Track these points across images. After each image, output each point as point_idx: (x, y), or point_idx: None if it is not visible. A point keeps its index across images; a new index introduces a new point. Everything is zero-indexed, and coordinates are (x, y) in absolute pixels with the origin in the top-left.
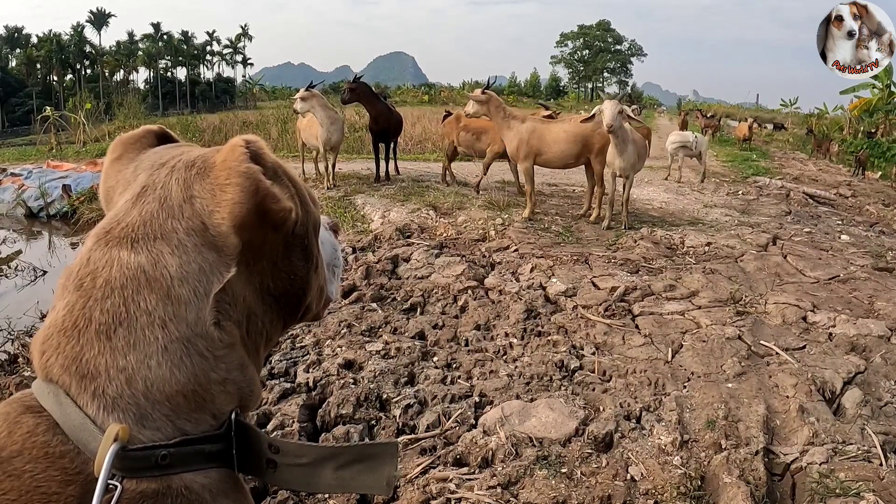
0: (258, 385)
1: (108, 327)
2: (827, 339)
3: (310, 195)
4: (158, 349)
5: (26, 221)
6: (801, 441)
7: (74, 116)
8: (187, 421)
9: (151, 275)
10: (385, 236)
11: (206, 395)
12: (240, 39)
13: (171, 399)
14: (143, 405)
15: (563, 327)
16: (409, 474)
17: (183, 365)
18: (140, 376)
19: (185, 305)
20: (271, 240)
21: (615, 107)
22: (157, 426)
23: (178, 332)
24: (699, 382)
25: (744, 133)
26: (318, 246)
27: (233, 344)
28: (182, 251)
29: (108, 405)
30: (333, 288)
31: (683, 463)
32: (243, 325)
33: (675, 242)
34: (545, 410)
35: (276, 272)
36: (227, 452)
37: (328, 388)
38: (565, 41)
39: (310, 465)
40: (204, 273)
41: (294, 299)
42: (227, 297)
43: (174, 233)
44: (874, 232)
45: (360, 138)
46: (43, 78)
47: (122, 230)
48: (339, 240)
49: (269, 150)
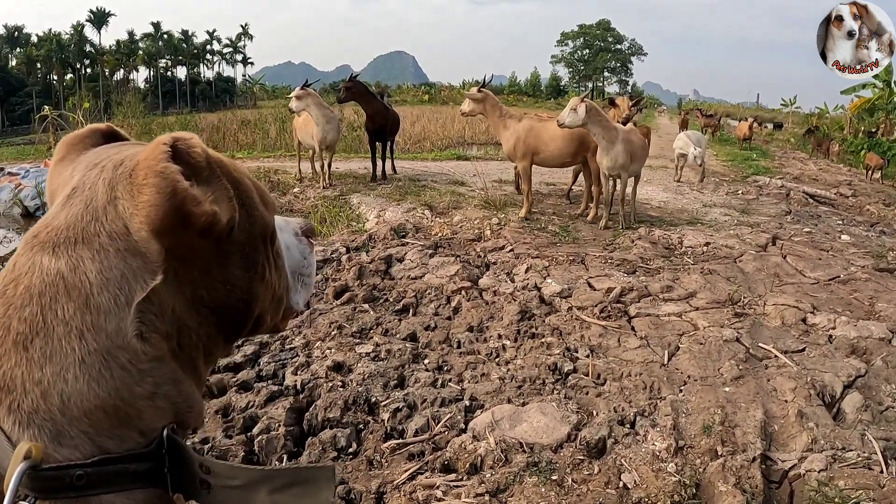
0: (198, 401)
1: (24, 337)
2: (827, 341)
3: (262, 198)
4: (75, 361)
5: (23, 221)
6: (800, 447)
7: (73, 116)
8: (109, 438)
9: (70, 281)
10: (380, 236)
11: (130, 410)
12: (240, 38)
13: (90, 415)
14: (60, 421)
15: (558, 329)
16: (395, 480)
17: (102, 378)
18: (56, 390)
19: (104, 315)
20: (200, 246)
21: (573, 104)
22: (75, 444)
23: (96, 343)
24: (696, 386)
25: (744, 132)
26: (269, 253)
27: (160, 357)
28: (103, 256)
29: (24, 421)
30: (300, 298)
31: (678, 470)
32: (173, 337)
33: (674, 242)
34: (537, 415)
35: (211, 282)
36: (158, 472)
37: (316, 391)
38: (566, 40)
39: (243, 487)
40: (126, 280)
41: (235, 312)
42: (153, 307)
43: (96, 237)
44: (875, 232)
45: (357, 137)
46: (43, 77)
47: (47, 234)
48: (315, 242)
49: (203, 147)
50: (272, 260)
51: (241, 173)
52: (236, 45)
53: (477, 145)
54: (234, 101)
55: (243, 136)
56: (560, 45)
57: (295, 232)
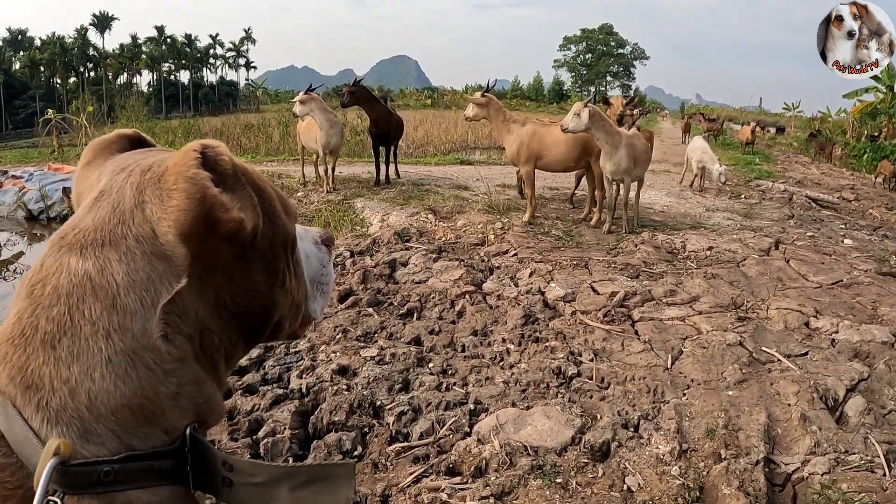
0: (219, 402)
1: (52, 336)
2: (830, 345)
3: (284, 206)
4: (102, 360)
5: (27, 224)
6: (803, 450)
7: (76, 119)
8: (134, 436)
9: (97, 282)
10: (383, 240)
11: (154, 409)
12: (243, 43)
13: (117, 413)
14: (87, 419)
15: (562, 333)
16: (400, 483)
17: (128, 378)
18: (83, 388)
19: (130, 316)
20: (224, 252)
21: (576, 108)
22: (102, 441)
23: (122, 343)
24: (699, 390)
25: (746, 136)
26: (289, 261)
27: (183, 358)
28: (130, 259)
29: (52, 418)
30: (318, 306)
31: (682, 473)
32: (195, 339)
33: (677, 247)
34: (541, 418)
35: (233, 287)
36: (181, 469)
37: (321, 395)
38: (568, 45)
39: (264, 484)
40: (152, 283)
41: (256, 317)
42: (178, 310)
43: (123, 239)
44: (878, 236)
45: (360, 141)
46: (46, 80)
47: (74, 236)
48: (333, 251)
49: (230, 155)
50: (292, 268)
51: (265, 182)
52: (239, 49)
53: (480, 150)
54: (237, 104)
55: (246, 139)
56: (563, 50)
57: (315, 240)
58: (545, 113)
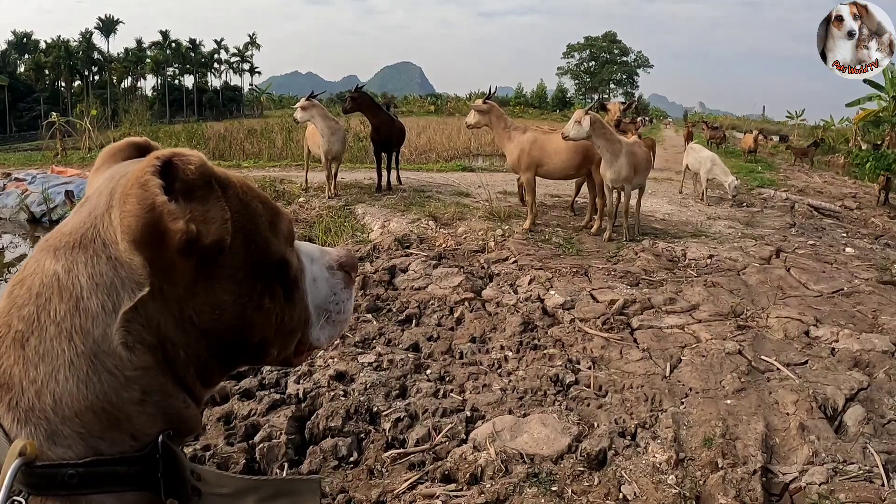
0: (191, 416)
1: (22, 336)
2: (829, 354)
3: (274, 226)
4: (65, 362)
5: (29, 226)
6: (801, 460)
7: (80, 123)
8: (101, 440)
9: (64, 283)
10: (384, 246)
11: (119, 414)
12: (248, 48)
13: (81, 415)
14: (53, 420)
15: (560, 341)
16: (396, 489)
17: (90, 381)
18: (48, 389)
19: (92, 319)
20: (182, 265)
21: (577, 116)
22: (69, 444)
23: (83, 346)
24: (697, 398)
25: (749, 144)
26: (270, 283)
27: (146, 367)
28: (96, 262)
29: (21, 419)
30: (323, 334)
31: (678, 482)
32: (159, 351)
33: (677, 255)
34: (538, 426)
35: (197, 304)
36: (150, 476)
37: (318, 400)
38: (572, 52)
39: (231, 495)
40: (115, 288)
41: (226, 338)
42: (140, 318)
43: (92, 243)
44: (879, 244)
45: (363, 148)
46: (51, 84)
47: (55, 238)
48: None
49: (202, 166)
50: (278, 291)
51: (254, 198)
52: (244, 55)
53: (482, 157)
54: (241, 110)
55: (250, 145)
56: (566, 57)
57: (329, 265)
58: (548, 120)
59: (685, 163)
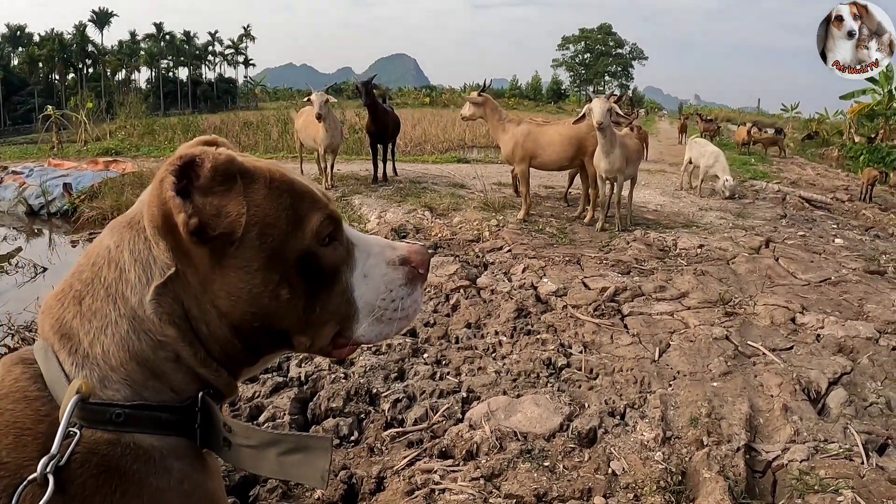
0: (225, 382)
1: (80, 294)
2: (814, 340)
3: (298, 221)
4: (111, 321)
5: (27, 219)
6: (784, 439)
7: (76, 115)
8: (144, 388)
9: (113, 255)
10: (381, 236)
11: (156, 369)
12: (242, 40)
13: (125, 365)
14: (104, 367)
15: (553, 326)
16: (395, 465)
17: (130, 339)
18: (99, 341)
19: (131, 288)
20: (199, 252)
21: (605, 104)
22: (117, 388)
23: (124, 309)
24: (685, 381)
25: (742, 137)
26: (291, 274)
27: (175, 336)
28: (137, 241)
29: (79, 363)
30: (372, 331)
31: (665, 458)
32: (185, 324)
33: (668, 244)
34: (531, 406)
35: (215, 288)
36: (188, 425)
37: (319, 383)
38: (567, 44)
39: (256, 447)
40: (150, 264)
41: (244, 321)
42: (170, 294)
43: (137, 223)
44: (869, 236)
45: (359, 139)
46: (45, 76)
47: (118, 218)
48: (425, 273)
49: (224, 161)
50: (298, 283)
51: (284, 191)
52: (238, 47)
53: (478, 148)
54: (235, 102)
55: (245, 137)
56: (561, 49)
57: (391, 261)
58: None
59: (687, 156)
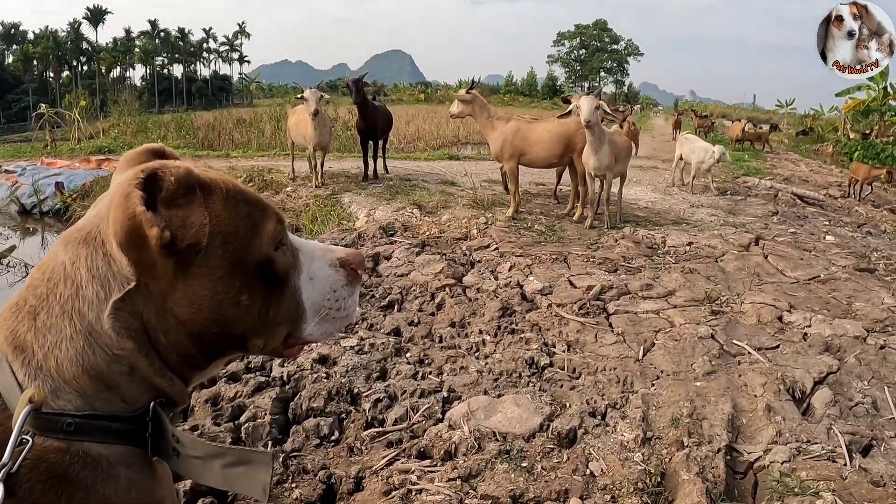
0: (178, 390)
1: (34, 310)
2: (801, 339)
3: (257, 228)
4: (66, 336)
5: (20, 218)
6: (766, 440)
7: (69, 114)
8: (96, 400)
9: (68, 272)
10: (369, 234)
11: (110, 381)
12: (237, 37)
13: (78, 378)
14: (57, 379)
15: (537, 325)
16: (374, 466)
17: (86, 353)
18: (53, 355)
19: (88, 304)
20: (163, 264)
21: (592, 102)
22: (69, 398)
23: (80, 325)
24: (668, 380)
25: (736, 133)
26: (251, 279)
27: (132, 349)
28: (95, 257)
29: (32, 374)
30: (318, 330)
31: (644, 459)
32: (143, 336)
33: (657, 242)
34: (511, 406)
35: (177, 297)
36: (139, 434)
37: (301, 382)
38: (562, 40)
39: (202, 458)
40: (108, 280)
41: (205, 328)
42: (128, 308)
43: (94, 240)
44: (861, 233)
45: (351, 136)
46: (39, 74)
47: (70, 232)
48: (362, 274)
49: (185, 176)
50: (257, 287)
51: (239, 201)
52: (233, 44)
53: (471, 145)
54: (230, 99)
55: (238, 134)
56: (556, 46)
57: (332, 262)
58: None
59: (678, 153)
